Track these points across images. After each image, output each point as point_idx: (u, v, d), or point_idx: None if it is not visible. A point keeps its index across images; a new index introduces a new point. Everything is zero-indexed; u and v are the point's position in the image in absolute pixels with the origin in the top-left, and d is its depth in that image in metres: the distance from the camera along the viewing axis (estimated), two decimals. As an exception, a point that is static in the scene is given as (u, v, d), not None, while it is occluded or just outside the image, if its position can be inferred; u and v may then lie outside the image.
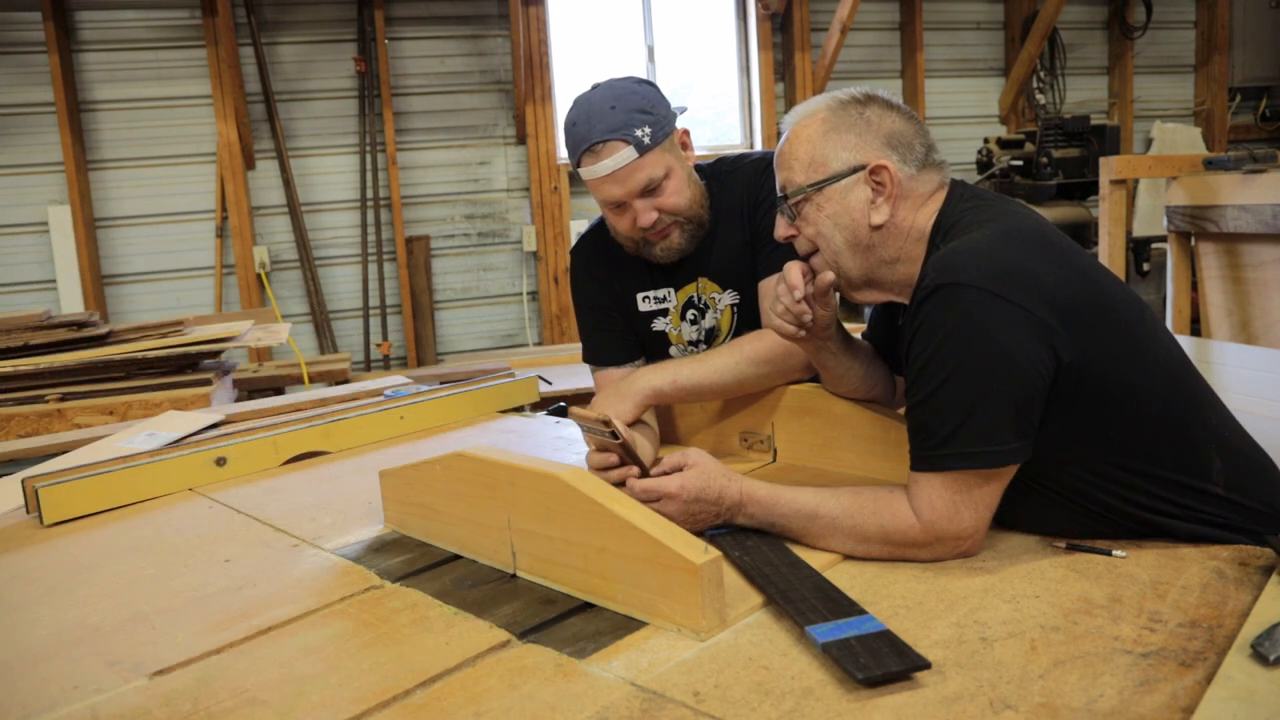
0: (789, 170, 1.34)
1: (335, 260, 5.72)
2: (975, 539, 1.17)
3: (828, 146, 1.31)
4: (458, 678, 0.98)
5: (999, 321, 1.11)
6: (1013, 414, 1.12)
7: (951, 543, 1.16)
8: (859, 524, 1.19)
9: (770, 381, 1.68)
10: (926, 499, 1.15)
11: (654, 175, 1.63)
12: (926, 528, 1.15)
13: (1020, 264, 1.15)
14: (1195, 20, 7.40)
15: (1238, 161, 3.39)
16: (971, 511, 1.15)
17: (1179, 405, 1.21)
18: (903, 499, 1.18)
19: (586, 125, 1.62)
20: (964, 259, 1.16)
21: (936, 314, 1.14)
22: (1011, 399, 1.12)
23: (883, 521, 1.17)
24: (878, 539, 1.18)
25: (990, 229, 1.21)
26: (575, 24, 6.19)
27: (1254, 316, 3.35)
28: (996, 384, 1.12)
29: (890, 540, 1.18)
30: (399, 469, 1.43)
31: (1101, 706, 0.84)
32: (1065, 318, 1.13)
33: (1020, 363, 1.11)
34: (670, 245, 1.72)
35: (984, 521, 1.17)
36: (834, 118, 1.32)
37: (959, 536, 1.15)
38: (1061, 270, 1.17)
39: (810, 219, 1.33)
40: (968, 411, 1.12)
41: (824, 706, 0.87)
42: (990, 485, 1.15)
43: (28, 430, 2.95)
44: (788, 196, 1.34)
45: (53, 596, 1.30)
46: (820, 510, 1.22)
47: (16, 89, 5.16)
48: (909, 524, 1.16)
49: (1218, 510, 1.18)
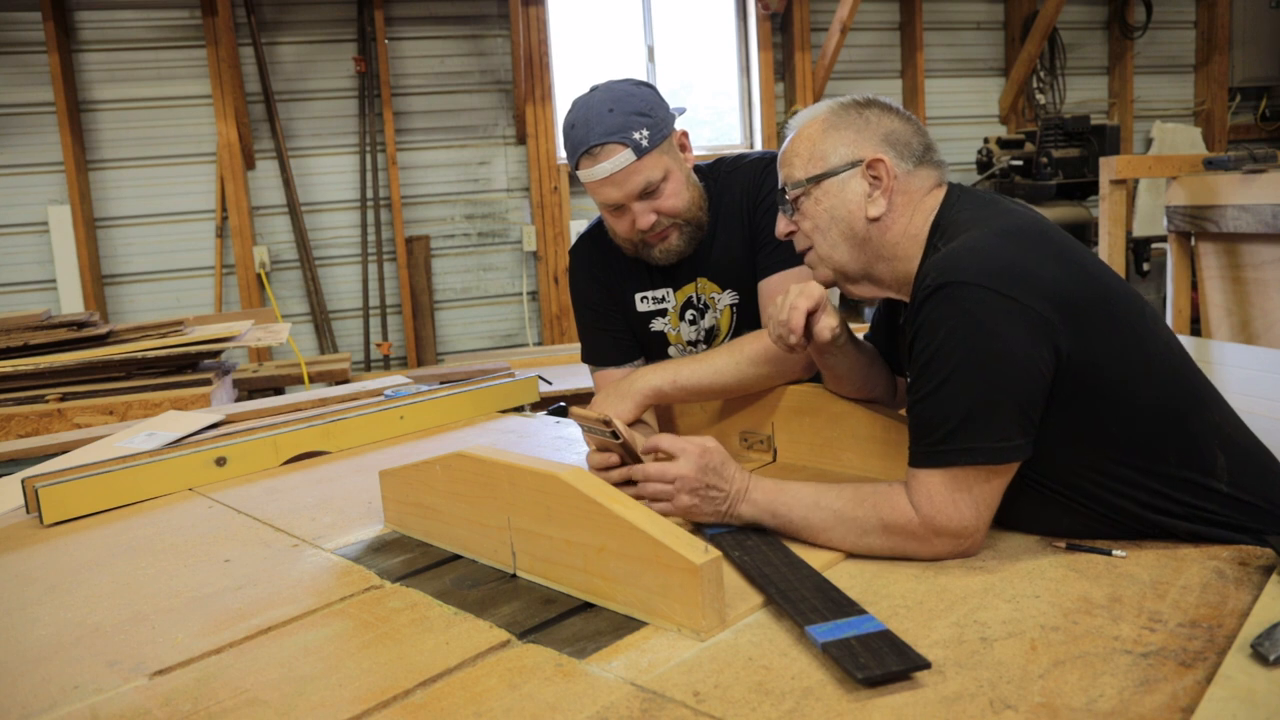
0: (790, 167, 1.39)
1: (335, 260, 5.72)
2: (975, 538, 1.17)
3: (827, 143, 1.35)
4: (458, 678, 0.98)
5: (1001, 319, 1.12)
6: (1015, 411, 1.12)
7: (950, 539, 1.16)
8: (859, 516, 1.19)
9: (770, 381, 1.68)
10: (925, 493, 1.15)
11: (652, 178, 1.63)
12: (925, 521, 1.15)
13: (1021, 261, 1.16)
14: (1195, 20, 7.40)
15: (1238, 161, 3.39)
16: (972, 508, 1.15)
17: (1181, 401, 1.21)
18: (903, 492, 1.18)
19: (585, 128, 1.62)
20: (965, 258, 1.16)
21: (939, 312, 1.15)
22: (1014, 396, 1.12)
23: (882, 514, 1.18)
24: (877, 530, 1.18)
25: (990, 227, 1.22)
26: (575, 24, 6.19)
27: (1254, 316, 3.35)
28: (999, 381, 1.12)
29: (890, 532, 1.17)
30: (399, 469, 1.43)
31: (1101, 706, 0.84)
32: (1066, 314, 1.13)
33: (1022, 360, 1.12)
34: (669, 247, 1.72)
35: (984, 520, 1.17)
36: (834, 118, 1.37)
37: (958, 533, 1.15)
38: (1062, 267, 1.18)
39: (808, 213, 1.36)
40: (970, 408, 1.12)
41: (824, 706, 0.87)
42: (991, 483, 1.15)
43: (28, 430, 2.94)
44: (787, 191, 1.38)
45: (53, 596, 1.30)
46: (821, 501, 1.23)
47: (16, 89, 5.16)
48: (908, 517, 1.16)
49: (1222, 507, 1.18)
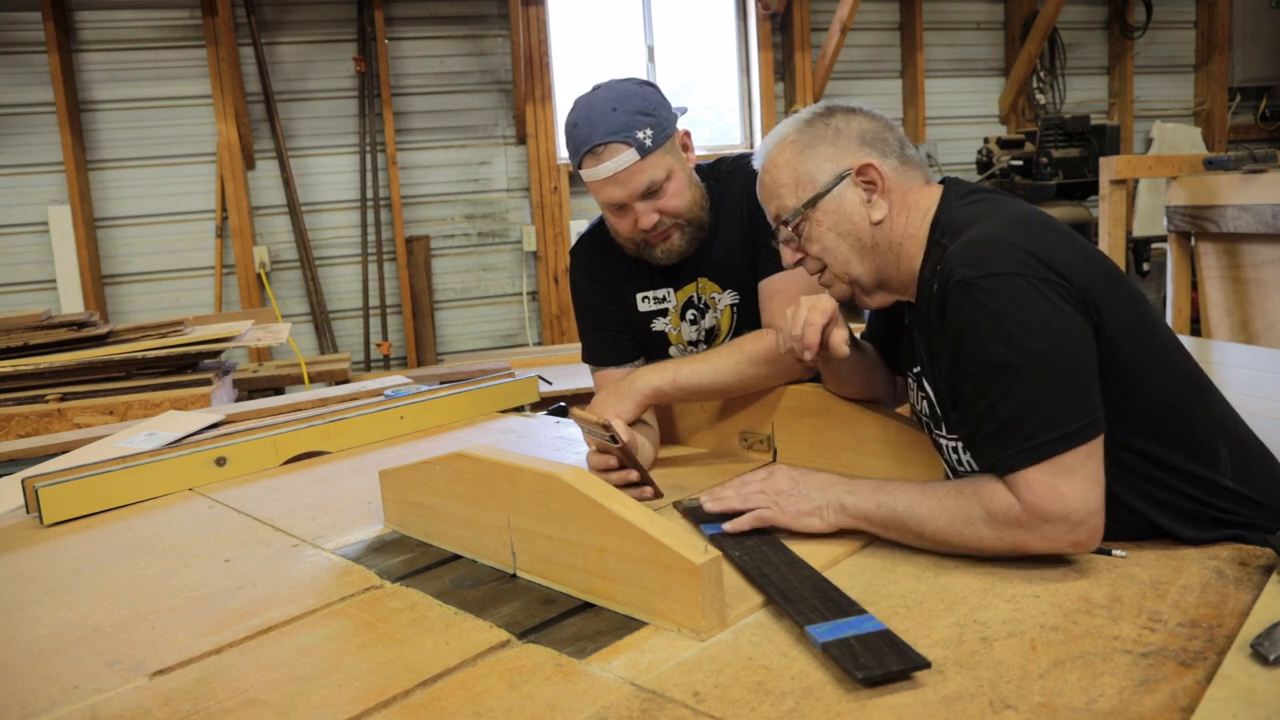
0: (778, 199, 1.35)
1: (335, 260, 5.72)
2: (1090, 521, 1.09)
3: (808, 163, 1.32)
4: (458, 678, 0.98)
5: (1046, 305, 1.11)
6: (1085, 388, 1.11)
7: (1062, 524, 1.09)
8: (962, 505, 1.14)
9: (770, 381, 1.68)
10: (1024, 484, 1.10)
11: (655, 177, 1.63)
12: (1028, 508, 1.09)
13: (1044, 246, 1.16)
14: (1195, 20, 7.40)
15: (1238, 161, 3.39)
16: (1079, 489, 1.08)
17: (1184, 393, 1.21)
18: (998, 483, 1.13)
19: (588, 127, 1.62)
20: (989, 249, 1.15)
21: (982, 310, 1.13)
22: (1080, 374, 1.11)
23: (984, 501, 1.12)
24: (982, 520, 1.12)
25: (1001, 217, 1.21)
26: (575, 24, 6.19)
27: (1254, 316, 3.35)
28: (1064, 365, 1.11)
29: (995, 521, 1.11)
30: (399, 469, 1.43)
31: (1101, 706, 0.84)
32: (1088, 296, 1.14)
33: (1078, 337, 1.12)
34: (671, 247, 1.72)
35: (1093, 499, 1.10)
36: (803, 137, 1.34)
37: (1068, 517, 1.08)
38: (1075, 253, 1.18)
39: (813, 237, 1.33)
40: (1050, 396, 1.10)
41: (824, 706, 0.87)
42: (1090, 459, 1.10)
43: (28, 430, 2.94)
44: (787, 222, 1.34)
45: (53, 596, 1.30)
46: (926, 490, 1.19)
47: (16, 89, 5.16)
48: (1009, 503, 1.11)
49: (1225, 503, 1.18)
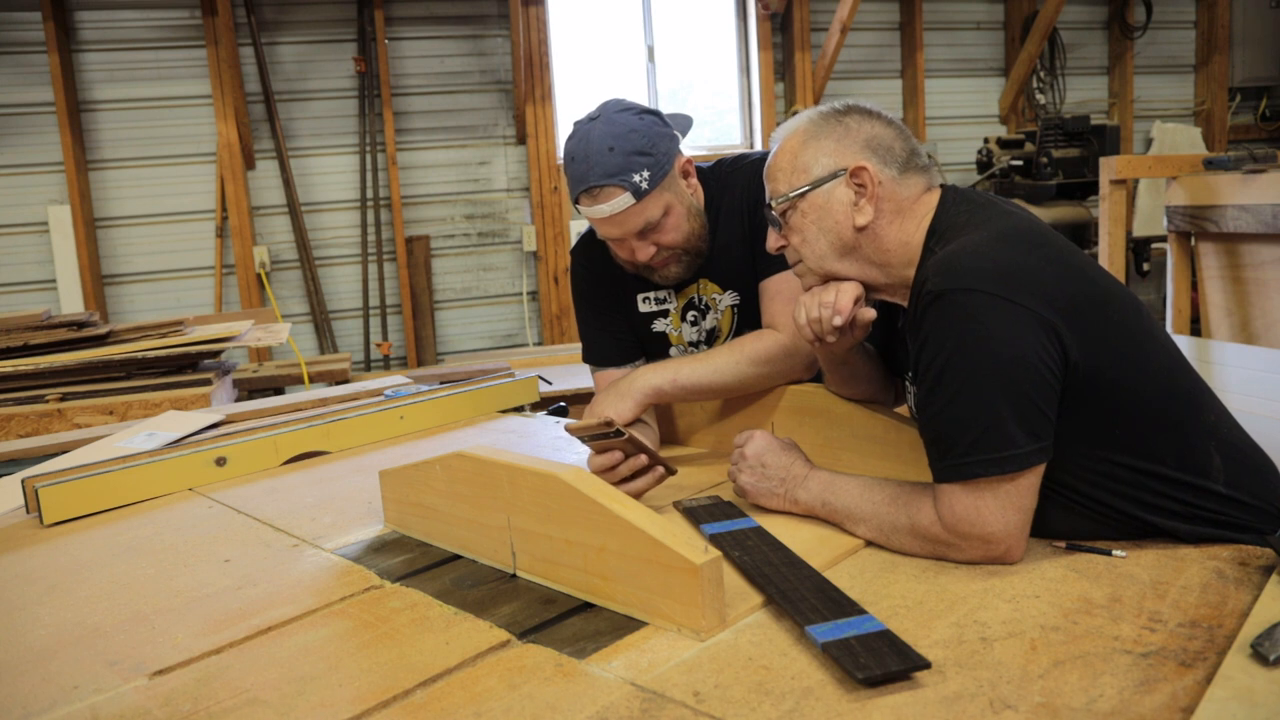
0: (774, 182, 1.37)
1: (335, 260, 5.72)
2: (1007, 542, 1.14)
3: (808, 154, 1.34)
4: (458, 678, 0.98)
5: (1007, 324, 1.11)
6: (1032, 415, 1.12)
7: (979, 543, 1.14)
8: (893, 515, 1.21)
9: (770, 381, 1.68)
10: (947, 502, 1.15)
11: (651, 217, 1.62)
12: (948, 527, 1.15)
13: (1021, 264, 1.15)
14: (1195, 20, 7.40)
15: (1238, 161, 3.39)
16: (998, 513, 1.13)
17: (1177, 402, 1.21)
18: (930, 497, 1.19)
19: (585, 164, 1.59)
20: (965, 262, 1.16)
21: (943, 321, 1.14)
22: (1028, 400, 1.12)
23: (912, 515, 1.19)
24: (906, 531, 1.20)
25: (987, 230, 1.21)
26: (575, 24, 6.19)
27: (1254, 316, 3.35)
28: (1012, 388, 1.11)
29: (918, 535, 1.19)
30: (399, 469, 1.43)
31: (1101, 706, 0.84)
32: (1068, 316, 1.13)
33: (1033, 364, 1.11)
34: (668, 274, 1.73)
35: (1013, 523, 1.14)
36: (814, 128, 1.36)
37: (986, 539, 1.14)
38: (1061, 269, 1.17)
39: (796, 226, 1.35)
40: (986, 419, 1.11)
41: (824, 706, 0.87)
42: (1018, 488, 1.13)
43: (28, 430, 2.94)
44: (773, 206, 1.36)
45: (53, 596, 1.30)
46: (867, 494, 1.27)
47: (16, 89, 5.17)
48: (931, 520, 1.17)
49: (1219, 508, 1.18)
